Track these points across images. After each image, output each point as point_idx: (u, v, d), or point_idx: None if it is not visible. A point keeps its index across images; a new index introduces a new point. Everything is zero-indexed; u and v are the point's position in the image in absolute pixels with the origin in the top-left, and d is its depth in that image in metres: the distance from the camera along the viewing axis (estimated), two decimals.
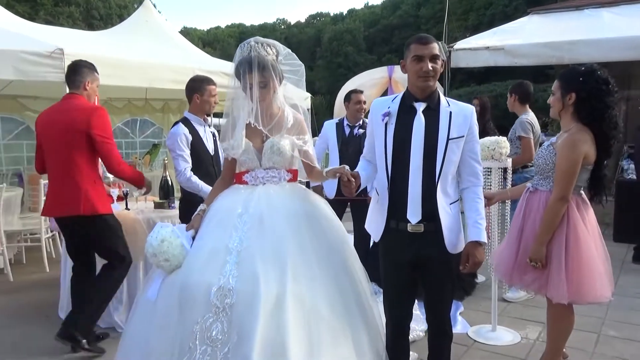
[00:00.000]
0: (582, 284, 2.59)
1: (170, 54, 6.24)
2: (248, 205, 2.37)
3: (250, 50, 2.40)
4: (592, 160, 2.67)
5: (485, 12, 37.61)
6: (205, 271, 2.18)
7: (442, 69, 2.34)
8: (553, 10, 8.03)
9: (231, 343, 2.02)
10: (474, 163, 2.36)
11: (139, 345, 2.22)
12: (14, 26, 5.46)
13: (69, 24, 33.06)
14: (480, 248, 2.33)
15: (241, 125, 2.48)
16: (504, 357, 3.28)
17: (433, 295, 2.46)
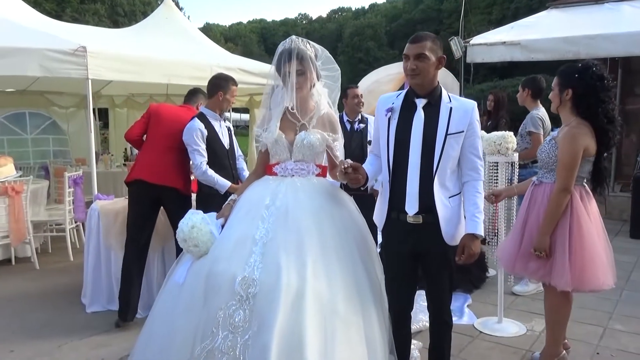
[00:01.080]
0: (584, 272, 2.66)
1: (190, 51, 6.39)
2: (275, 197, 2.48)
3: (290, 43, 2.57)
4: (592, 153, 2.74)
5: (509, 5, 37.00)
6: (231, 260, 2.29)
7: (440, 65, 2.40)
8: (572, 5, 7.93)
9: (252, 331, 2.12)
10: (474, 158, 2.42)
11: (164, 324, 2.34)
12: (40, 24, 5.67)
13: (95, 21, 33.68)
14: (476, 241, 2.39)
15: (277, 117, 2.61)
16: (508, 347, 3.35)
17: (432, 285, 2.54)
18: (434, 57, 2.36)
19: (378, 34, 48.64)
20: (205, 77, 5.56)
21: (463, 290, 4.34)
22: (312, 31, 57.34)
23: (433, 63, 2.36)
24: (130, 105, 9.78)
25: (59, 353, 3.35)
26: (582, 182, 2.81)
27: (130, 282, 3.73)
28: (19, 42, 4.48)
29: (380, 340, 2.37)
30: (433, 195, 2.37)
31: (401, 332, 2.60)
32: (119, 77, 5.02)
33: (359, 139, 4.36)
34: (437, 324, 2.60)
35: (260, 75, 6.49)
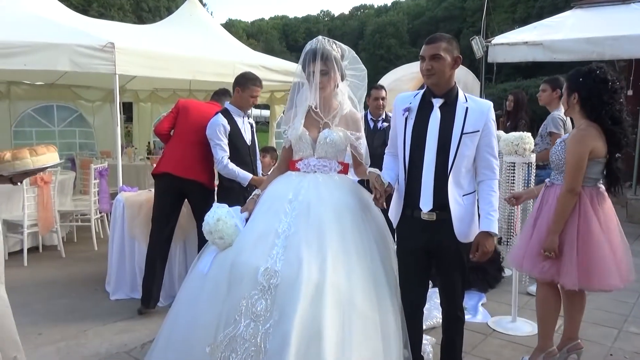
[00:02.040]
0: (591, 272, 2.70)
1: (214, 48, 6.52)
2: (298, 193, 2.55)
3: (316, 43, 2.65)
4: (601, 154, 2.77)
5: (534, 4, 36.45)
6: (255, 252, 2.38)
7: (456, 65, 2.44)
8: (598, 5, 7.85)
9: (273, 320, 2.21)
10: (489, 157, 2.47)
11: (188, 312, 2.44)
12: (70, 20, 5.85)
13: (120, 16, 34.20)
14: (490, 238, 2.44)
15: (301, 114, 2.69)
16: (520, 345, 3.38)
17: (445, 281, 2.60)
18: (450, 57, 2.40)
19: (400, 31, 48.42)
20: (229, 73, 5.71)
21: (478, 289, 4.37)
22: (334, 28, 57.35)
23: (448, 63, 2.41)
24: (154, 99, 9.98)
25: (84, 337, 3.49)
26: (593, 183, 2.84)
27: (154, 272, 3.87)
28: (51, 38, 4.64)
29: (395, 333, 2.43)
30: (447, 193, 2.42)
31: (414, 327, 2.66)
32: (145, 73, 5.16)
33: (381, 137, 4.43)
34: (450, 319, 2.66)
35: (281, 73, 6.60)
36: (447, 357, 2.72)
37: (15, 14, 5.31)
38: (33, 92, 8.51)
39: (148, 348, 3.20)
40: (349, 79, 2.76)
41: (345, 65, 2.72)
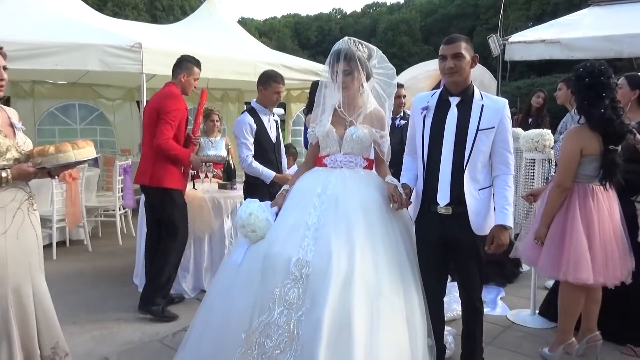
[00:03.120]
0: (563, 264, 2.84)
1: (234, 47, 6.65)
2: (326, 187, 2.65)
3: (341, 44, 2.73)
4: (594, 152, 2.86)
5: (548, 0, 36.15)
6: (286, 243, 2.49)
7: (474, 64, 2.56)
8: (615, 2, 7.82)
9: (305, 307, 2.32)
10: (505, 152, 2.59)
11: (223, 301, 2.56)
12: (97, 22, 6.02)
13: (134, 15, 34.58)
14: (505, 231, 2.56)
15: (329, 112, 2.79)
16: (537, 337, 3.46)
17: (462, 273, 2.73)
18: (469, 55, 2.55)
19: (413, 29, 48.24)
20: (250, 72, 5.84)
21: (497, 284, 4.45)
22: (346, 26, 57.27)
23: (468, 62, 2.55)
24: None
25: (116, 326, 3.64)
26: (588, 180, 2.92)
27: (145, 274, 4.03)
28: (80, 39, 4.80)
29: (420, 322, 2.53)
30: (463, 188, 2.54)
31: (435, 316, 2.75)
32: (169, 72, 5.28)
33: (399, 135, 4.52)
34: (468, 310, 2.79)
35: (300, 71, 6.71)
36: (468, 346, 2.83)
37: (42, 15, 5.48)
38: (56, 91, 8.71)
39: (179, 336, 3.36)
40: (378, 77, 2.84)
41: (374, 64, 2.81)
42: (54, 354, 2.56)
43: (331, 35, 55.89)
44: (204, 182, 4.73)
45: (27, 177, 2.50)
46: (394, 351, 2.35)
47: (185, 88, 3.85)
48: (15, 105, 7.63)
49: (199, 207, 4.25)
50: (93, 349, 3.29)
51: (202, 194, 4.34)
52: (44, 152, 2.51)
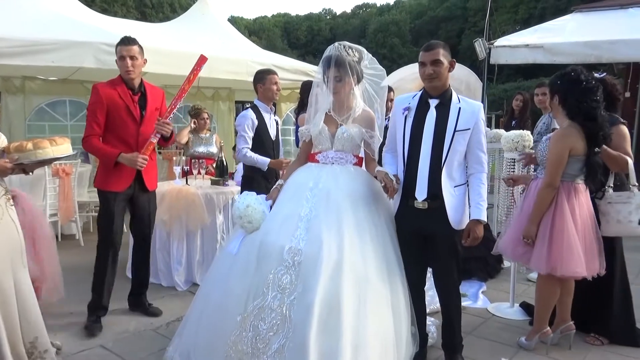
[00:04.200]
0: (559, 260, 2.99)
1: (227, 47, 6.77)
2: (318, 181, 2.82)
3: (332, 50, 2.87)
4: (580, 152, 3.03)
5: (536, 4, 36.66)
6: (280, 233, 2.65)
7: (452, 68, 2.74)
8: (597, 9, 8.08)
9: (297, 292, 2.48)
10: (479, 152, 2.77)
11: (220, 288, 2.71)
12: (92, 20, 6.10)
13: (123, 12, 34.38)
14: (479, 225, 2.76)
15: (322, 113, 2.96)
16: (517, 328, 3.64)
17: (438, 264, 2.91)
18: (447, 61, 2.72)
19: (402, 30, 48.58)
20: (241, 71, 5.97)
21: (479, 279, 4.64)
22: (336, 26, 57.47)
23: (446, 67, 2.73)
24: None
25: (112, 317, 3.74)
26: (572, 179, 3.10)
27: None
28: (77, 36, 4.89)
29: (404, 309, 2.70)
30: (440, 184, 2.72)
31: (416, 305, 2.90)
32: (165, 71, 5.42)
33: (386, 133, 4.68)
34: (446, 303, 2.97)
35: (290, 71, 6.85)
36: (447, 335, 3.00)
37: (38, 12, 5.53)
38: (46, 87, 8.72)
39: (173, 326, 3.49)
40: (369, 78, 2.99)
41: (365, 65, 2.96)
42: (32, 348, 2.63)
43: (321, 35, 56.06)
44: (196, 178, 4.85)
45: (4, 172, 2.54)
46: (380, 336, 2.52)
47: (120, 71, 3.49)
48: (6, 101, 7.67)
49: (192, 202, 4.37)
50: (89, 338, 3.40)
51: (195, 189, 4.46)
52: (21, 148, 2.55)
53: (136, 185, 3.63)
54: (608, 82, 3.38)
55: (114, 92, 3.43)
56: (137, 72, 3.50)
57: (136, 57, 3.45)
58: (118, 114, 3.44)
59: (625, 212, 3.16)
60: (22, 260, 2.64)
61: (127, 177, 3.56)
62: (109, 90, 3.43)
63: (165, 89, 9.80)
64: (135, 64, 3.45)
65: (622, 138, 3.27)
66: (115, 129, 3.45)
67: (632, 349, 3.33)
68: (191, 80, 3.68)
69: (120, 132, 3.44)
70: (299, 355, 2.36)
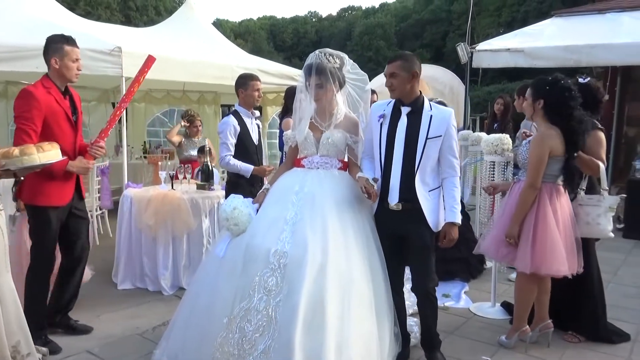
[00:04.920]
0: (543, 260, 3.08)
1: (213, 51, 6.80)
2: (304, 185, 2.88)
3: (313, 58, 2.93)
4: (560, 153, 3.14)
5: (519, 8, 37.13)
6: (266, 236, 2.70)
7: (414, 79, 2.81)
8: (576, 14, 8.27)
9: (282, 294, 2.53)
10: (451, 158, 2.87)
11: (207, 290, 2.75)
12: (76, 25, 6.08)
13: (107, 15, 34.10)
14: (455, 228, 2.87)
15: (306, 120, 3.02)
16: (498, 327, 3.72)
17: (414, 265, 2.98)
18: (406, 73, 2.80)
19: (388, 33, 48.84)
20: (226, 76, 6.00)
21: (461, 279, 4.72)
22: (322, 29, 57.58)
23: (405, 78, 2.81)
24: (149, 100, 10.19)
25: (98, 322, 3.75)
26: (553, 180, 3.20)
27: None
28: None
29: (387, 310, 2.78)
30: (413, 188, 2.82)
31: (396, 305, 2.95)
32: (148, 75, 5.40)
33: None
34: (421, 300, 3.01)
35: (276, 75, 6.91)
36: (424, 334, 3.08)
37: (22, 18, 5.53)
38: None
39: (159, 330, 3.51)
40: (353, 83, 3.06)
41: (347, 70, 3.03)
42: (14, 352, 2.64)
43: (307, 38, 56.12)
44: (182, 182, 4.87)
45: None
46: (363, 337, 2.58)
47: (65, 74, 3.19)
48: None
49: (177, 207, 4.39)
50: (75, 343, 3.40)
51: (181, 194, 4.48)
52: (8, 154, 2.55)
53: (75, 196, 3.37)
54: (592, 86, 3.50)
55: (50, 97, 3.10)
56: None
57: (80, 59, 3.27)
58: (57, 121, 3.12)
59: (594, 215, 3.27)
60: (6, 264, 2.65)
61: (70, 188, 3.28)
62: (45, 96, 3.08)
63: (150, 93, 9.89)
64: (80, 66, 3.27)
65: (598, 143, 3.37)
66: (53, 137, 3.02)
67: (608, 346, 3.43)
68: (139, 82, 3.51)
69: (58, 141, 2.92)
70: (285, 356, 2.41)
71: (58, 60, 3.16)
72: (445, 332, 3.61)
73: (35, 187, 3.14)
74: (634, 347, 3.45)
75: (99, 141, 3.30)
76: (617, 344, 3.47)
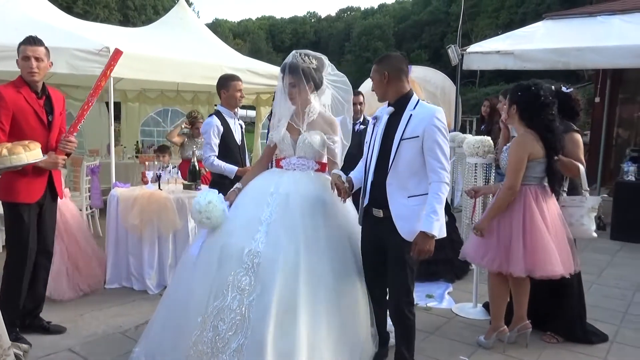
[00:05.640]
0: (536, 262, 3.10)
1: (203, 52, 6.82)
2: (279, 186, 2.90)
3: (289, 57, 2.96)
4: (539, 156, 3.17)
5: (517, 10, 37.22)
6: (241, 236, 2.73)
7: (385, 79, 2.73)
8: (567, 17, 8.30)
9: (256, 293, 2.56)
10: (432, 161, 2.63)
11: (183, 288, 2.79)
12: (66, 24, 6.11)
13: (105, 14, 34.06)
14: (428, 239, 2.57)
15: (285, 120, 3.04)
16: (478, 328, 3.75)
17: (389, 276, 2.79)
18: (379, 75, 2.76)
19: (386, 34, 48.94)
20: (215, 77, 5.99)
21: (446, 280, 4.76)
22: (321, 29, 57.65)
23: (379, 80, 2.77)
24: (142, 99, 10.24)
25: (81, 321, 3.78)
26: (538, 181, 3.23)
27: None
28: (49, 42, 4.84)
29: (363, 309, 2.81)
30: (386, 193, 2.68)
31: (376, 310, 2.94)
32: (137, 76, 5.46)
33: (357, 139, 4.77)
34: (393, 319, 2.84)
35: (266, 76, 6.93)
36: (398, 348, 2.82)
37: (9, 17, 5.53)
38: None
39: (142, 329, 3.51)
40: (335, 85, 3.09)
41: (328, 72, 3.06)
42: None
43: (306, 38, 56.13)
44: (169, 182, 4.90)
45: None
46: (335, 334, 2.61)
47: (22, 73, 3.27)
48: None
49: (164, 206, 4.42)
50: (58, 341, 3.43)
51: (167, 194, 4.51)
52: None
53: (47, 195, 3.38)
54: (573, 97, 3.54)
55: (19, 96, 3.17)
56: (42, 74, 3.28)
57: (42, 59, 3.26)
58: (25, 119, 3.17)
59: (577, 216, 3.31)
60: None
61: (40, 186, 3.30)
62: (14, 94, 3.16)
63: (144, 93, 9.92)
64: (40, 65, 3.24)
65: (575, 145, 3.42)
66: (23, 135, 3.09)
67: (585, 347, 3.47)
68: (107, 76, 3.55)
69: (28, 139, 2.99)
70: (257, 354, 2.45)
71: (19, 60, 3.26)
72: (425, 332, 3.66)
73: (5, 184, 3.18)
74: (611, 348, 3.48)
75: (68, 136, 3.34)
76: (596, 344, 3.51)
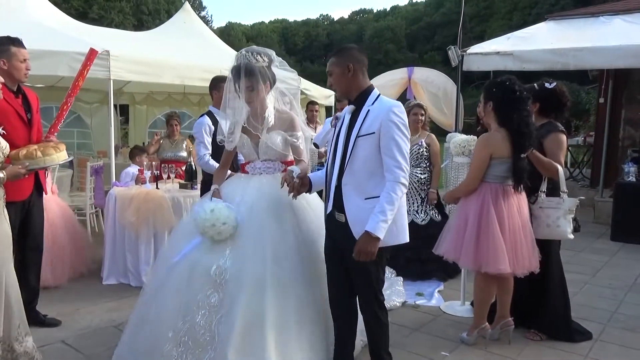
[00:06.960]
0: (486, 258, 3.16)
1: (204, 54, 6.96)
2: (244, 193, 2.83)
3: (240, 58, 2.80)
4: (504, 155, 3.19)
5: (530, 11, 36.96)
6: (211, 252, 2.69)
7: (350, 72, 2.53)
8: (569, 17, 8.27)
9: (224, 310, 2.57)
10: (387, 159, 2.46)
11: (157, 300, 2.78)
12: (68, 28, 6.29)
13: (119, 19, 34.57)
14: (371, 240, 2.39)
15: (240, 124, 2.90)
16: (464, 325, 3.78)
17: (354, 280, 2.65)
18: (338, 69, 2.56)
19: (398, 36, 48.96)
20: None
21: (438, 279, 4.81)
22: (333, 32, 57.81)
23: (339, 74, 2.56)
24: (150, 102, 10.43)
25: (77, 315, 3.91)
26: (500, 181, 3.24)
27: None
28: (52, 46, 5.06)
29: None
30: (342, 196, 2.54)
31: (338, 318, 2.76)
32: (136, 78, 5.61)
33: None
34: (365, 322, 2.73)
35: None
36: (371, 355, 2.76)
37: (13, 21, 5.70)
38: None
39: None
40: (285, 80, 3.01)
41: (276, 66, 2.94)
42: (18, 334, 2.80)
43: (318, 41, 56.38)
44: (166, 182, 5.02)
45: (18, 177, 2.72)
46: (306, 345, 2.64)
47: (14, 74, 3.26)
48: None
49: (159, 205, 4.54)
50: (52, 333, 3.56)
51: (163, 192, 4.63)
52: (31, 156, 2.74)
53: (34, 191, 3.42)
54: (557, 91, 3.56)
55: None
56: None
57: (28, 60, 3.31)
58: (7, 119, 3.15)
59: (554, 217, 3.33)
60: (11, 255, 2.80)
61: (28, 183, 3.31)
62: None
63: (151, 95, 10.10)
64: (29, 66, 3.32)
65: (557, 146, 3.43)
66: (6, 135, 3.03)
67: (568, 344, 3.49)
68: (84, 75, 3.52)
69: (11, 139, 2.99)
70: None
71: (6, 61, 3.25)
72: (409, 329, 3.72)
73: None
74: (594, 346, 3.50)
75: (49, 136, 3.40)
76: (579, 342, 3.53)
